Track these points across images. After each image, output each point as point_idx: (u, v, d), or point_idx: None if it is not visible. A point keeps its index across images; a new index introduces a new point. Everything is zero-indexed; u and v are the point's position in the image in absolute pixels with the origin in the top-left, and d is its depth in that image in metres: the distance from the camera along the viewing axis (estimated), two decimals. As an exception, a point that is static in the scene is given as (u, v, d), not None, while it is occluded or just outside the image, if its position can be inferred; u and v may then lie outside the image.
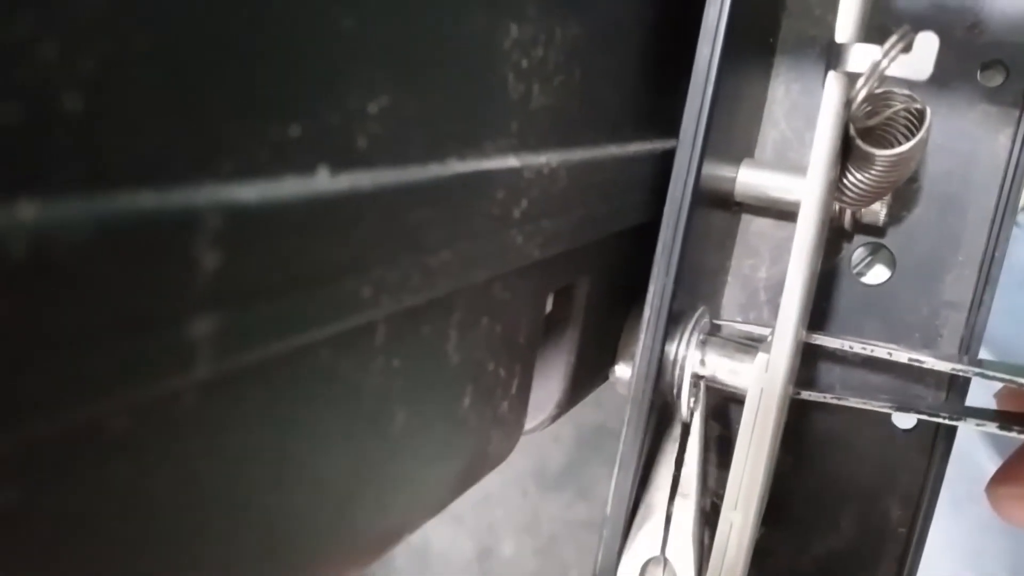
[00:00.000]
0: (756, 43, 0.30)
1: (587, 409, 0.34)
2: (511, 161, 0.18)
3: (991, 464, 0.55)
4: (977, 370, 0.28)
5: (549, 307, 0.26)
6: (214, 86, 0.11)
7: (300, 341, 0.13)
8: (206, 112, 0.11)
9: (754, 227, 0.33)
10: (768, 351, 0.25)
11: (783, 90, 0.32)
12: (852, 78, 0.23)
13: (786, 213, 0.31)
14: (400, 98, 0.14)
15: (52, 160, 0.09)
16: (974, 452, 0.56)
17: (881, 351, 0.29)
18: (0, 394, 0.09)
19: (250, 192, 0.11)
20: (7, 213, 0.08)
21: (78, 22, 0.09)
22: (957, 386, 0.30)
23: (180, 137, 0.10)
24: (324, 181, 0.13)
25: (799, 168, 0.29)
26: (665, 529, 0.28)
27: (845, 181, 0.26)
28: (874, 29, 0.23)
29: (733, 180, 0.30)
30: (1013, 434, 0.27)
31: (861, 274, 0.32)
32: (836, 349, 0.30)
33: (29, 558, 0.10)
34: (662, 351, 0.26)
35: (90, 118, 0.09)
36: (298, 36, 0.12)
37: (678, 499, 0.28)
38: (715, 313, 0.32)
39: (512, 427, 0.24)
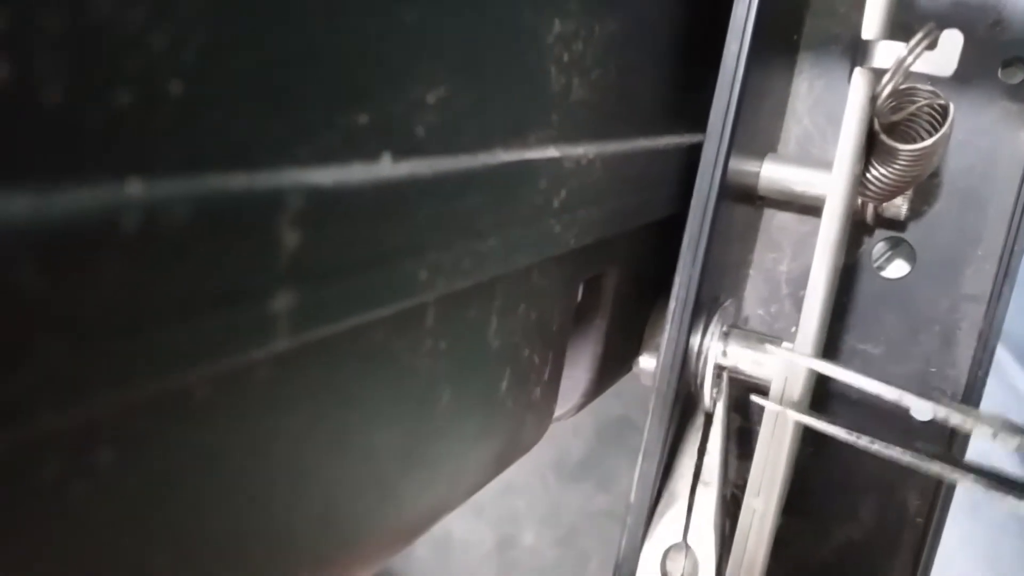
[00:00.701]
0: (781, 40, 0.31)
1: (607, 401, 0.35)
2: (551, 151, 0.19)
3: (1010, 464, 0.55)
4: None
5: (579, 297, 0.27)
6: (297, 75, 0.11)
7: (363, 319, 0.14)
8: (289, 99, 0.11)
9: (777, 221, 0.33)
10: (792, 342, 0.26)
11: (806, 86, 0.32)
12: (878, 74, 0.24)
13: (808, 207, 0.32)
14: (455, 88, 0.15)
15: (157, 142, 0.10)
16: (992, 451, 0.56)
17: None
18: (109, 358, 0.09)
19: (325, 176, 0.12)
20: (119, 190, 0.09)
21: (184, 15, 0.10)
22: (975, 383, 0.31)
23: (267, 123, 0.11)
24: (387, 167, 0.13)
25: (822, 163, 0.30)
26: (687, 516, 0.28)
27: (868, 176, 0.27)
28: (898, 27, 0.24)
29: (757, 175, 0.31)
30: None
31: (881, 268, 0.32)
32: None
33: (121, 514, 0.11)
34: (687, 342, 0.27)
35: (190, 104, 0.10)
36: (369, 28, 0.13)
37: (700, 487, 0.29)
38: (738, 305, 0.33)
39: (543, 413, 0.25)
